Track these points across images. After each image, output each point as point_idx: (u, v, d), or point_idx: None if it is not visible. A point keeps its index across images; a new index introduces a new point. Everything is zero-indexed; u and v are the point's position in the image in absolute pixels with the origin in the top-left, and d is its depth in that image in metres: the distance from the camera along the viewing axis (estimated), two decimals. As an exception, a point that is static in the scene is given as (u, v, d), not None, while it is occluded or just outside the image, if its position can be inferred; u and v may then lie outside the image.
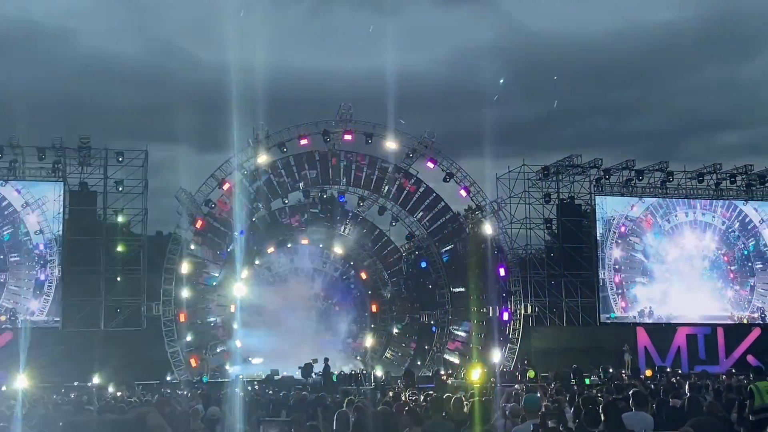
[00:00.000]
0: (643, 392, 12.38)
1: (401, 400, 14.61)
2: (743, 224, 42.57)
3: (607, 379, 29.02)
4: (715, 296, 41.82)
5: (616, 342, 38.14)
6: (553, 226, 41.80)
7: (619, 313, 40.37)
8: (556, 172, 41.04)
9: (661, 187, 41.91)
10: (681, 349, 40.06)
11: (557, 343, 38.53)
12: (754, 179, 42.82)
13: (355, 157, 37.29)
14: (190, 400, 16.02)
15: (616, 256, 40.75)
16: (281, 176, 36.70)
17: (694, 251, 41.82)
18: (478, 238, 38.49)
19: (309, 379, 30.87)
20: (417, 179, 37.97)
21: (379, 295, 41.33)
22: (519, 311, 37.61)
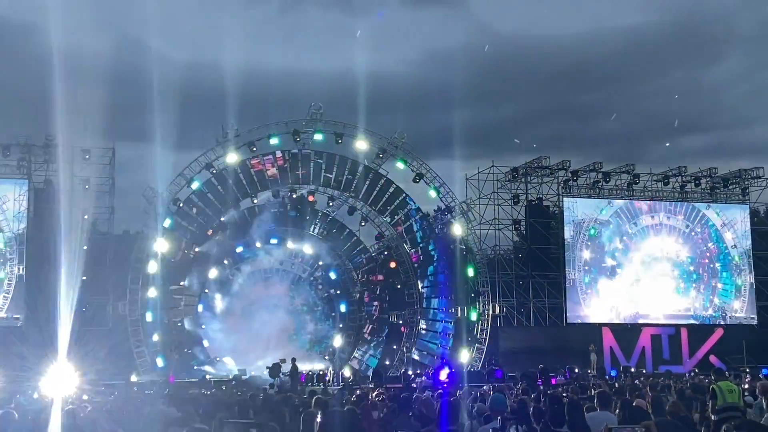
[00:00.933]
0: (607, 392, 12.55)
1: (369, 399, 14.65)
2: (705, 227, 43.06)
3: (572, 379, 29.26)
4: (679, 297, 42.26)
5: (583, 342, 38.50)
6: (521, 227, 42.07)
7: (585, 314, 40.67)
8: (524, 174, 41.33)
9: (628, 190, 42.34)
10: (645, 349, 40.53)
11: (525, 343, 38.78)
12: (718, 182, 43.43)
13: (325, 157, 37.23)
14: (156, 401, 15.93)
15: (586, 258, 41.06)
16: (250, 175, 36.55)
17: (659, 253, 42.23)
18: (447, 238, 38.62)
19: (276, 379, 30.77)
20: (387, 179, 38.01)
21: (348, 295, 41.34)
22: (487, 312, 37.80)
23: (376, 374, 31.26)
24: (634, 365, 38.64)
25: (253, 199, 37.69)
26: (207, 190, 35.74)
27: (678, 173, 42.66)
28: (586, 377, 30.51)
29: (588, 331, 39.80)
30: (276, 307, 39.26)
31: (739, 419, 9.98)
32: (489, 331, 37.62)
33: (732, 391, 12.57)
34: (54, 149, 35.97)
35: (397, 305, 40.44)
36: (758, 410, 12.80)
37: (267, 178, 36.74)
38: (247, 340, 37.55)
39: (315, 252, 40.75)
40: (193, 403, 14.12)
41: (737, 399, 12.52)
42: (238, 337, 37.73)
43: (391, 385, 28.63)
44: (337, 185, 37.66)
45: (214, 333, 37.46)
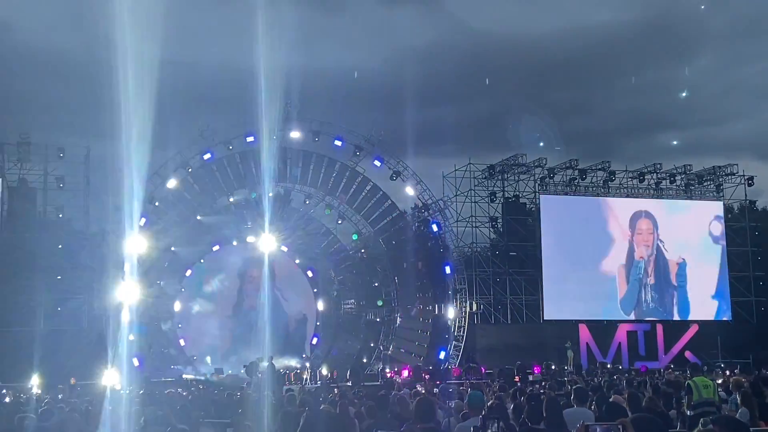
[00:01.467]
0: (584, 388, 12.58)
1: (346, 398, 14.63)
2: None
3: (549, 376, 29.39)
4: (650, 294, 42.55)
5: (559, 339, 38.69)
6: (498, 224, 42.17)
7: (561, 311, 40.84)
8: (501, 171, 41.44)
9: (604, 187, 42.58)
10: (622, 345, 40.81)
11: (501, 340, 38.90)
12: (692, 179, 43.80)
13: (301, 155, 37.13)
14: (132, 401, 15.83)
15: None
16: (227, 173, 36.38)
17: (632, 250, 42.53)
18: (425, 236, 38.68)
19: (254, 378, 30.65)
20: (364, 177, 37.99)
21: (325, 292, 41.29)
22: (464, 309, 37.86)
23: (354, 372, 31.22)
24: (611, 361, 38.87)
25: (229, 197, 37.52)
26: (183, 188, 35.53)
27: (653, 170, 42.97)
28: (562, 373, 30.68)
29: (565, 328, 39.96)
30: (253, 305, 39.11)
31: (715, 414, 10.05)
32: (466, 329, 37.70)
33: (707, 386, 12.67)
34: (28, 147, 35.60)
35: (374, 303, 40.43)
36: (733, 405, 12.89)
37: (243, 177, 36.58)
38: (224, 339, 37.43)
39: (292, 250, 40.64)
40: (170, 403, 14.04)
41: (712, 394, 12.63)
42: (215, 336, 37.60)
43: (369, 382, 28.67)
44: (314, 183, 37.58)
45: (190, 332, 37.29)
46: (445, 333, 37.33)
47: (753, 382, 17.69)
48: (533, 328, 40.28)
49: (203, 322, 37.56)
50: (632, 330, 41.34)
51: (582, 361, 37.87)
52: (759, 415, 12.16)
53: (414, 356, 37.23)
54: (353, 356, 39.64)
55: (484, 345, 38.48)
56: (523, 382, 25.16)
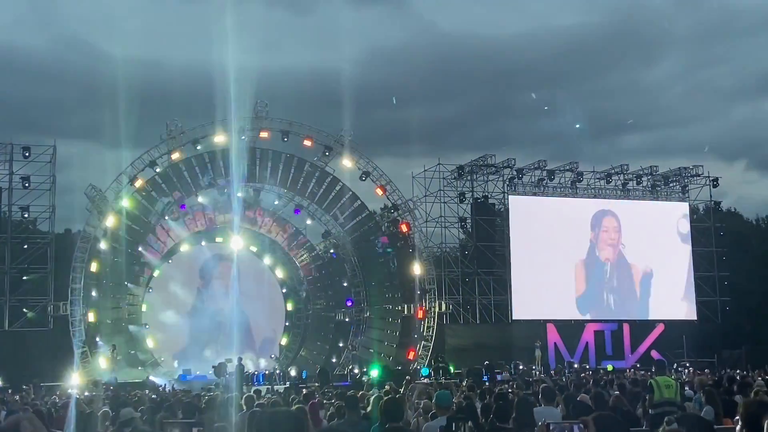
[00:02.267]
0: (551, 388, 12.68)
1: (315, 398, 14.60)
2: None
3: (517, 376, 29.56)
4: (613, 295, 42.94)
5: (528, 339, 38.90)
6: (467, 224, 42.33)
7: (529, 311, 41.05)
8: (470, 172, 41.60)
9: (572, 187, 42.90)
10: (589, 345, 41.13)
11: (470, 340, 39.07)
12: (659, 180, 44.28)
13: (271, 155, 36.99)
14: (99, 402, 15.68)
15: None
16: (195, 173, 36.14)
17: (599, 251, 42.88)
18: (394, 236, 38.72)
19: (222, 378, 30.50)
20: (333, 177, 37.93)
21: (294, 293, 41.19)
22: (433, 309, 37.95)
23: (323, 373, 31.16)
24: (578, 361, 39.17)
25: (197, 197, 37.29)
26: (151, 188, 35.26)
27: (620, 171, 43.39)
28: (530, 373, 30.88)
29: (533, 328, 40.18)
30: (222, 306, 38.92)
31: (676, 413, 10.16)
32: (435, 329, 37.78)
33: (669, 386, 12.78)
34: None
35: (343, 303, 40.39)
36: (697, 404, 13.03)
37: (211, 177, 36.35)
38: (192, 340, 37.18)
39: (261, 250, 40.49)
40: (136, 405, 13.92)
41: (674, 394, 12.73)
42: (183, 337, 37.33)
43: (337, 383, 28.66)
44: (283, 183, 37.45)
45: (158, 333, 36.99)
46: (414, 333, 37.38)
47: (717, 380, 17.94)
48: (502, 328, 40.48)
49: (171, 324, 37.26)
50: (599, 330, 41.70)
51: (550, 360, 38.13)
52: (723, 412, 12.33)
53: (383, 356, 37.23)
54: (322, 356, 39.58)
55: (453, 345, 38.61)
56: (491, 382, 25.30)
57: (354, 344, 39.57)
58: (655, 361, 34.73)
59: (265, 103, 36.06)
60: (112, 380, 29.76)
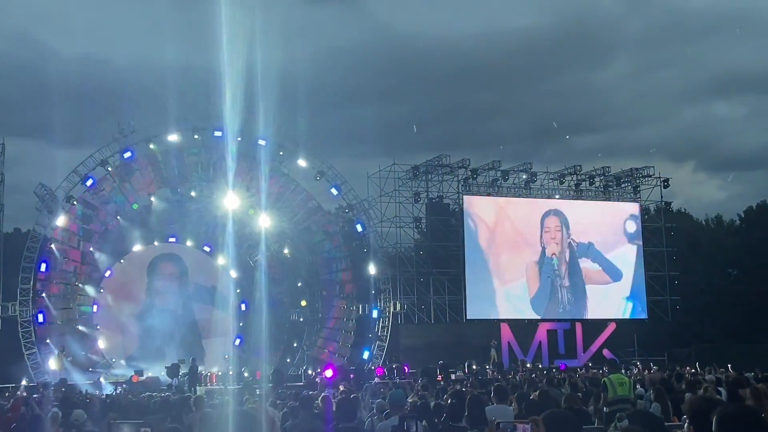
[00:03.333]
0: (504, 386, 12.77)
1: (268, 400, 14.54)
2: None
3: (472, 375, 29.74)
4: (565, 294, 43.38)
5: (482, 338, 39.14)
6: (422, 224, 42.46)
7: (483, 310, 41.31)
8: (425, 172, 41.72)
9: (525, 188, 43.25)
10: (542, 344, 41.49)
11: (425, 339, 39.19)
12: (611, 180, 44.83)
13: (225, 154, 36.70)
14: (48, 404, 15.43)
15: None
16: (148, 172, 35.74)
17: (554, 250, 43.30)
18: (349, 236, 38.69)
19: (175, 380, 30.22)
20: (288, 177, 37.77)
21: (248, 293, 40.90)
22: (388, 309, 38.00)
23: (277, 373, 31.00)
24: (531, 360, 39.50)
25: (150, 196, 36.87)
26: (102, 187, 34.79)
27: (573, 172, 43.85)
28: (484, 372, 31.07)
29: (486, 327, 40.44)
30: (175, 307, 38.55)
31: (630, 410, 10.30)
32: (390, 328, 37.85)
33: (623, 383, 12.97)
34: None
35: (298, 303, 40.26)
36: (648, 402, 13.24)
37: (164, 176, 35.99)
38: (145, 341, 36.76)
39: (215, 250, 40.13)
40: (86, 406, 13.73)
41: (628, 391, 12.93)
42: (136, 338, 36.89)
43: (292, 383, 28.56)
44: (237, 183, 37.14)
45: (110, 334, 36.50)
46: (369, 333, 37.41)
47: (667, 378, 18.23)
48: (456, 327, 40.67)
49: (123, 324, 36.80)
50: (552, 329, 42.09)
51: (504, 359, 38.39)
52: (672, 410, 12.53)
53: (338, 356, 37.20)
54: (277, 357, 39.38)
55: (408, 344, 38.69)
56: (446, 381, 25.39)
57: (308, 344, 39.45)
58: (607, 360, 35.14)
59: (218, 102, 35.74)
60: (63, 382, 29.31)
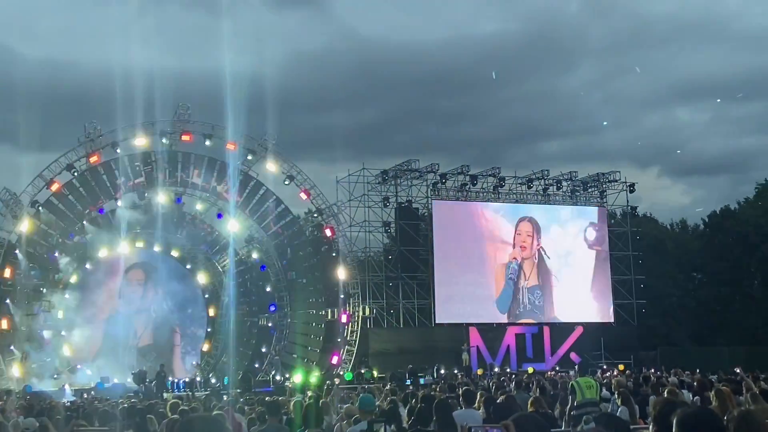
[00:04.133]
0: (472, 390, 12.82)
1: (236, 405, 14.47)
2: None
3: (442, 379, 29.78)
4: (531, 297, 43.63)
5: (451, 342, 39.29)
6: (391, 229, 42.50)
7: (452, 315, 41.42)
8: (394, 176, 41.78)
9: (494, 192, 43.44)
10: (510, 347, 41.68)
11: (394, 344, 39.24)
12: (578, 185, 45.20)
13: (193, 158, 36.51)
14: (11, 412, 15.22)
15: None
16: (114, 177, 35.43)
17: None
18: (318, 240, 38.63)
19: (141, 386, 29.96)
20: (257, 181, 37.65)
21: (216, 298, 40.67)
22: (357, 313, 37.98)
23: (245, 379, 30.89)
24: (500, 364, 39.68)
25: (117, 201, 36.55)
26: (68, 192, 34.43)
27: (541, 176, 44.15)
28: (453, 376, 31.12)
29: (455, 332, 40.58)
30: (142, 313, 38.25)
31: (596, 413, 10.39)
32: (359, 333, 37.84)
33: (590, 387, 13.04)
34: None
35: (266, 308, 40.09)
36: (614, 405, 13.35)
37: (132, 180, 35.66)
38: (110, 346, 36.41)
39: (182, 255, 39.89)
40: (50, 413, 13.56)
41: (595, 395, 13.02)
42: (102, 343, 36.53)
43: (260, 389, 28.45)
44: (206, 187, 37.01)
45: (75, 340, 36.08)
46: (338, 337, 37.36)
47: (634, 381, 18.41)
48: (425, 331, 40.76)
49: (89, 329, 36.41)
50: (520, 333, 42.30)
51: (472, 363, 38.51)
52: (639, 413, 12.66)
53: (307, 361, 37.10)
54: (245, 362, 39.17)
55: (377, 349, 38.71)
56: (414, 386, 25.43)
57: (277, 350, 39.31)
58: (576, 363, 35.39)
59: (186, 106, 35.60)
60: (27, 389, 28.97)
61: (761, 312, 47.64)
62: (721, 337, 47.51)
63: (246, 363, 38.92)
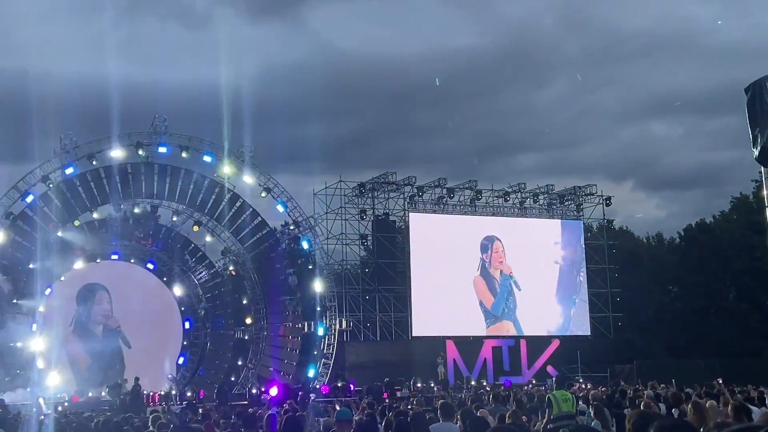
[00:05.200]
0: (449, 404, 12.82)
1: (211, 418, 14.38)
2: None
3: (418, 392, 29.77)
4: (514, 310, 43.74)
5: (428, 355, 39.28)
6: (368, 241, 42.49)
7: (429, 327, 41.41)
8: (371, 189, 41.81)
9: (471, 205, 43.57)
10: (487, 360, 41.72)
11: (371, 357, 39.17)
12: (554, 198, 45.44)
13: (169, 170, 36.33)
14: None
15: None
16: (90, 188, 35.17)
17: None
18: (295, 253, 38.52)
19: (116, 399, 29.67)
20: (233, 193, 37.53)
21: (193, 311, 40.45)
22: (334, 326, 37.89)
23: (221, 392, 30.68)
24: (476, 377, 39.70)
25: (92, 213, 36.27)
26: (43, 203, 34.13)
27: (518, 189, 44.33)
28: (430, 389, 31.12)
29: (432, 345, 40.58)
30: (117, 325, 37.93)
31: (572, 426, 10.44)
32: (336, 346, 37.72)
33: (567, 400, 13.12)
34: None
35: (243, 321, 39.90)
36: (589, 418, 13.41)
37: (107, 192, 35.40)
38: (86, 359, 36.08)
39: (158, 267, 39.66)
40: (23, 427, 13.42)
41: (571, 407, 13.08)
42: (77, 356, 36.19)
43: (236, 402, 28.28)
44: (182, 199, 36.84)
45: (50, 352, 35.70)
46: (314, 350, 37.22)
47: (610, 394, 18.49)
48: (402, 344, 40.74)
49: (63, 343, 36.06)
50: (497, 345, 42.36)
51: (449, 376, 38.51)
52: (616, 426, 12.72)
53: (283, 374, 36.94)
54: (221, 375, 38.94)
55: (354, 362, 38.62)
56: (391, 399, 25.38)
57: (253, 363, 39.11)
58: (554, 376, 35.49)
59: (163, 117, 35.45)
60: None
61: (736, 325, 48.03)
62: (696, 350, 47.80)
63: (222, 376, 38.70)
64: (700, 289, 49.74)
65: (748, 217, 50.02)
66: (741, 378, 26.90)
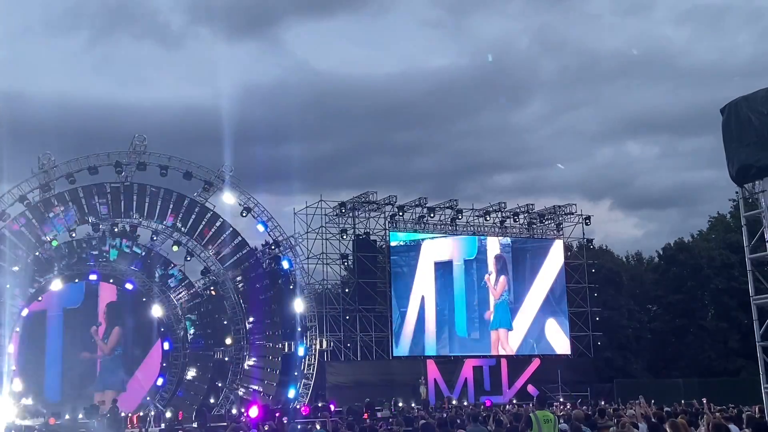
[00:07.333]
0: (431, 424, 12.80)
1: None
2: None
3: (397, 413, 29.64)
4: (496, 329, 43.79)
5: (408, 375, 39.22)
6: (349, 261, 42.44)
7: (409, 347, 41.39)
8: (352, 209, 41.82)
9: (451, 224, 43.66)
10: (468, 380, 41.71)
11: (352, 377, 39.05)
12: (534, 217, 45.64)
13: (148, 190, 36.14)
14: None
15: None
16: (69, 208, 34.91)
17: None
18: (275, 273, 38.36)
19: (93, 421, 29.34)
20: (214, 213, 37.37)
21: (172, 332, 40.17)
22: (314, 346, 37.72)
23: (200, 413, 30.43)
24: (457, 396, 39.65)
25: (71, 233, 35.99)
26: (21, 223, 33.81)
27: (498, 209, 44.49)
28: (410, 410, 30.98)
29: (413, 365, 40.53)
30: (93, 345, 37.61)
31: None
32: (316, 366, 37.55)
33: (548, 420, 13.11)
34: None
35: (222, 341, 39.63)
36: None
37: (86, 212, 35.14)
38: (63, 380, 35.72)
39: (137, 288, 39.38)
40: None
41: (553, 428, 13.08)
42: (54, 377, 35.82)
43: (215, 423, 28.05)
44: (162, 219, 36.62)
45: (26, 375, 35.32)
46: (295, 371, 37.00)
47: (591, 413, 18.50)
48: (383, 364, 40.66)
49: (40, 363, 35.71)
50: (478, 365, 42.36)
51: (430, 396, 38.42)
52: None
53: (263, 395, 36.68)
54: (200, 396, 38.62)
55: (334, 382, 38.49)
56: (372, 419, 25.25)
57: (233, 383, 38.84)
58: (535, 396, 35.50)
59: (143, 137, 35.29)
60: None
61: (715, 344, 48.26)
62: (676, 368, 48.00)
63: (201, 397, 38.39)
64: (678, 308, 49.98)
65: (726, 236, 50.43)
66: (720, 397, 26.98)
